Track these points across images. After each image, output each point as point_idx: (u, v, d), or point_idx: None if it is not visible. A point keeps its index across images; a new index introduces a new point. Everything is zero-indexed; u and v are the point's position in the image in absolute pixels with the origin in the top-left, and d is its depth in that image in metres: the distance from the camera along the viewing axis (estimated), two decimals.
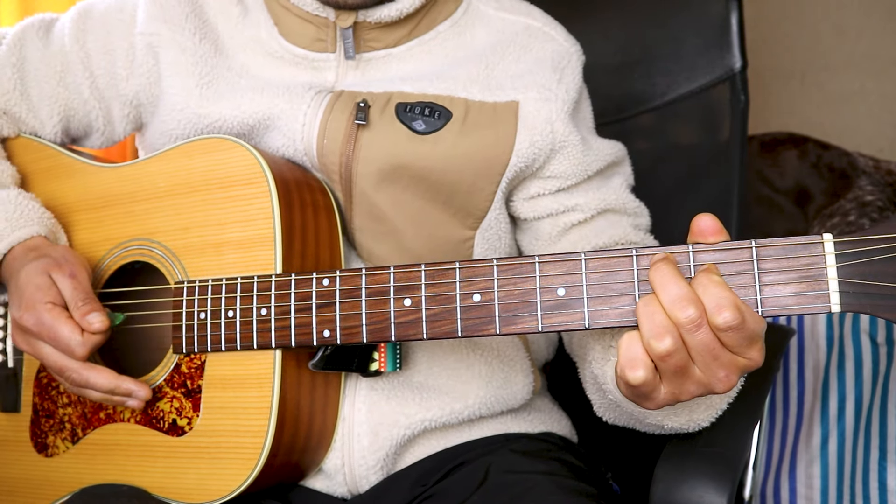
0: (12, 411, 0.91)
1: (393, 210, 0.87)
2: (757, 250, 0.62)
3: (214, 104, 0.89)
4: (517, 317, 0.68)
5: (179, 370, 0.82)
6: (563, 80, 0.89)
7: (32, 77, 0.94)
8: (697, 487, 0.80)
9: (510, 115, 0.87)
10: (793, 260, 0.62)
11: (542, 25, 0.93)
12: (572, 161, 0.89)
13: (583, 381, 0.86)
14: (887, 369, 1.50)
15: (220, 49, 0.91)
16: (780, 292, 0.62)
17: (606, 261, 0.66)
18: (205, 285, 0.81)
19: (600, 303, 0.66)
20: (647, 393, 0.64)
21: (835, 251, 0.61)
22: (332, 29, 0.89)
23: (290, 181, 0.83)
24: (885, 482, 1.47)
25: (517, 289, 0.68)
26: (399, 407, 0.88)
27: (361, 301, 0.74)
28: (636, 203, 0.94)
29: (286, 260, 0.80)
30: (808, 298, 0.61)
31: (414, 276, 0.72)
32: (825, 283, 0.61)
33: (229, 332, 0.79)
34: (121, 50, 0.92)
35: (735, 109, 1.11)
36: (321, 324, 0.75)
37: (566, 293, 0.67)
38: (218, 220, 0.83)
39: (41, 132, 0.95)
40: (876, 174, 1.85)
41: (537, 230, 0.93)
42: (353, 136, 0.86)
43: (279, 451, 0.79)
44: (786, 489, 1.56)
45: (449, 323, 0.70)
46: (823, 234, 0.61)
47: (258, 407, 0.78)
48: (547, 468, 0.86)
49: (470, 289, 0.70)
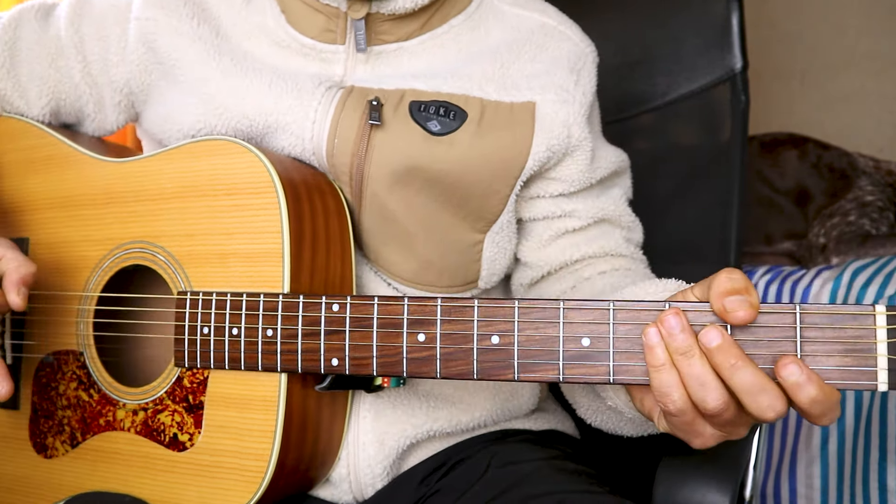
0: (11, 408, 0.89)
1: (404, 213, 0.83)
2: (801, 316, 0.58)
3: (218, 85, 0.84)
4: (537, 364, 0.64)
5: (181, 384, 0.79)
6: (580, 83, 0.86)
7: (24, 57, 0.90)
8: (700, 488, 0.79)
9: (527, 117, 0.83)
10: (839, 330, 0.57)
11: (558, 24, 0.89)
12: (579, 166, 0.86)
13: (565, 389, 0.85)
14: None
15: (221, 34, 0.87)
16: (822, 364, 0.57)
17: (636, 313, 0.62)
18: (209, 299, 0.77)
19: (626, 357, 0.62)
20: (689, 423, 0.62)
21: (887, 325, 0.56)
22: (343, 19, 0.84)
23: (300, 186, 0.78)
24: (885, 482, 1.47)
25: (538, 334, 0.64)
26: (405, 416, 0.86)
27: (373, 332, 0.70)
28: (632, 217, 0.93)
29: (294, 276, 0.75)
30: (853, 374, 0.57)
31: (429, 311, 0.68)
32: (874, 359, 0.56)
33: (233, 351, 0.76)
34: (114, 36, 0.89)
35: (735, 110, 1.08)
36: (329, 351, 0.72)
37: (591, 344, 0.63)
38: (224, 230, 0.78)
39: (27, 113, 0.92)
40: (876, 174, 1.83)
41: (530, 231, 0.90)
42: (367, 136, 0.81)
43: (283, 473, 0.77)
44: (786, 489, 1.56)
45: (464, 364, 0.67)
46: (876, 306, 0.56)
47: (262, 429, 0.76)
48: (546, 454, 0.86)
49: (488, 329, 0.66)
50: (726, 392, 0.58)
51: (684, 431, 0.62)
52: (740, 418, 0.60)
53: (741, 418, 0.60)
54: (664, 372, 0.59)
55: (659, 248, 0.99)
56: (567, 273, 0.89)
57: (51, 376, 0.87)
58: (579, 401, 0.83)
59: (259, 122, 0.83)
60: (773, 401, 0.57)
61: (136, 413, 0.81)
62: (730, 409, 0.58)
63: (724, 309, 0.58)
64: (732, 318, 0.57)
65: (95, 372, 0.84)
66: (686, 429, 0.61)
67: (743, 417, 0.60)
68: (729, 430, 0.61)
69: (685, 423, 0.61)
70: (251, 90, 0.83)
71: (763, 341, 0.58)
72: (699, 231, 1.12)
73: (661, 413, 0.65)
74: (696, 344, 0.58)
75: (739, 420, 0.60)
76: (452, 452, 0.89)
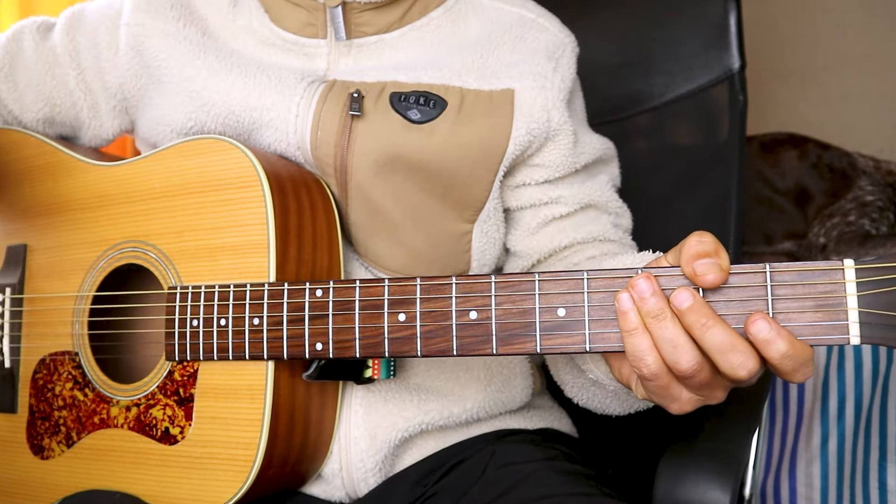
0: (9, 412, 0.90)
1: (390, 203, 0.85)
2: (771, 275, 0.58)
3: (204, 82, 0.87)
4: (515, 336, 0.65)
5: (172, 377, 0.80)
6: (558, 69, 0.88)
7: (22, 65, 0.94)
8: (701, 484, 0.78)
9: (506, 103, 0.85)
10: (809, 287, 0.57)
11: (537, 16, 0.91)
12: (562, 151, 0.88)
13: (552, 368, 0.85)
14: (887, 369, 1.48)
15: (208, 34, 0.90)
16: (794, 321, 0.57)
17: (609, 280, 0.62)
18: (197, 292, 0.78)
19: (602, 325, 0.62)
20: (665, 387, 0.62)
21: (856, 279, 0.56)
22: (323, 12, 0.87)
23: (286, 182, 0.80)
24: (885, 482, 1.46)
25: (516, 307, 0.65)
26: (397, 409, 0.86)
27: (355, 314, 0.71)
28: (619, 203, 0.93)
29: (280, 267, 0.77)
30: (824, 329, 0.57)
31: (409, 290, 0.69)
32: (844, 313, 0.56)
33: (221, 342, 0.77)
34: (104, 43, 0.92)
35: (734, 110, 1.09)
36: (314, 336, 0.73)
37: (567, 314, 0.63)
38: (212, 224, 0.80)
39: (22, 119, 0.95)
40: (876, 174, 1.84)
41: (517, 220, 0.91)
42: (348, 127, 0.83)
43: (272, 463, 0.77)
44: (786, 489, 1.55)
45: (444, 341, 0.67)
46: (844, 261, 0.57)
47: (250, 418, 0.76)
48: (545, 455, 0.85)
49: (466, 305, 0.67)
50: (699, 353, 0.58)
51: (661, 397, 0.62)
52: (715, 380, 0.60)
53: (716, 380, 0.60)
54: (637, 336, 0.59)
55: (656, 248, 0.99)
56: (556, 260, 0.89)
57: (47, 378, 0.88)
58: (564, 378, 0.83)
59: (245, 119, 0.86)
60: (745, 359, 0.57)
61: (129, 409, 0.82)
62: (703, 371, 0.58)
63: (693, 273, 0.58)
64: (702, 281, 0.58)
65: (90, 371, 0.85)
66: (662, 393, 0.61)
67: (718, 380, 0.60)
68: (706, 393, 0.61)
69: (660, 387, 0.61)
70: (236, 86, 0.86)
71: (735, 301, 0.59)
72: (697, 230, 1.12)
73: (638, 380, 0.65)
74: (668, 307, 0.59)
75: (714, 382, 0.60)
76: (449, 454, 0.89)
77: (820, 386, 1.55)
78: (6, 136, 0.95)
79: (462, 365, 0.89)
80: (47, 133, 0.96)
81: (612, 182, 0.95)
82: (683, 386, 0.61)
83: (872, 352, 1.51)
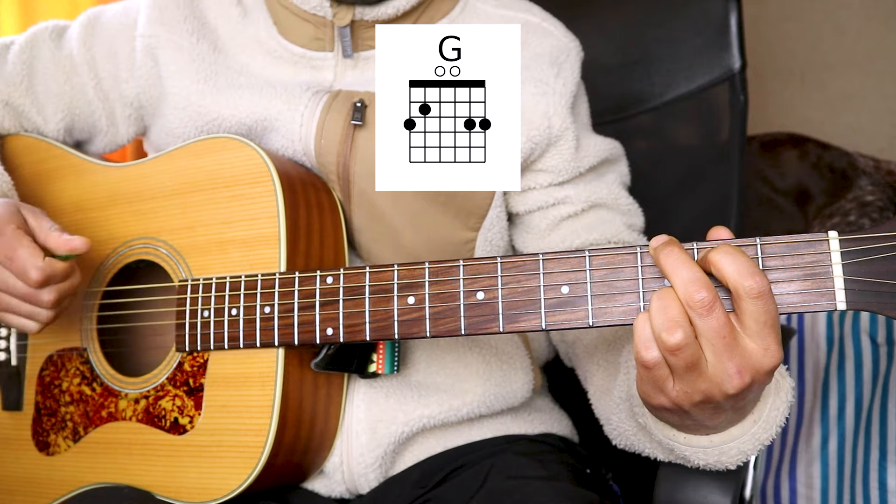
0: (14, 409, 0.91)
1: (392, 210, 0.87)
2: (762, 248, 0.62)
3: (214, 99, 0.90)
4: (521, 314, 0.68)
5: (182, 368, 0.82)
6: (560, 75, 0.90)
7: (40, 75, 0.96)
8: (701, 487, 0.79)
9: None
10: (797, 257, 0.61)
11: (541, 21, 0.94)
12: (564, 156, 0.90)
13: (599, 404, 0.85)
14: (887, 369, 1.50)
15: (219, 48, 0.93)
16: (784, 290, 0.61)
17: (611, 258, 0.66)
18: (208, 283, 0.81)
19: (604, 301, 0.66)
20: (660, 380, 0.63)
21: (840, 248, 0.60)
22: (330, 28, 0.90)
23: (295, 181, 0.83)
24: (885, 482, 1.46)
25: (521, 286, 0.68)
26: (398, 404, 0.88)
27: (365, 299, 0.74)
28: (629, 201, 0.95)
29: (290, 258, 0.80)
30: (813, 296, 0.61)
31: (418, 274, 0.72)
32: (830, 280, 0.60)
33: (232, 331, 0.79)
34: (123, 53, 0.95)
35: (734, 109, 1.11)
36: (324, 322, 0.75)
37: (570, 291, 0.67)
38: (223, 219, 0.83)
39: (44, 129, 0.97)
40: (876, 174, 1.85)
41: (528, 224, 0.94)
42: (350, 136, 0.86)
43: (280, 451, 0.79)
44: (786, 489, 1.55)
45: (452, 321, 0.70)
46: (829, 232, 0.61)
47: (260, 405, 0.78)
48: (547, 473, 0.86)
49: (474, 286, 0.70)
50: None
51: (652, 384, 0.65)
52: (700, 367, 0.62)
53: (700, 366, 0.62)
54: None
55: None
56: None
57: (54, 374, 0.89)
58: (612, 418, 0.83)
59: (253, 126, 0.89)
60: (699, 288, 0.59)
61: (138, 402, 0.84)
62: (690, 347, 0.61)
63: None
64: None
65: (98, 366, 0.87)
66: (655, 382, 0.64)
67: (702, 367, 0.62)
68: (690, 380, 0.62)
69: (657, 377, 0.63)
70: (243, 99, 0.89)
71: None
72: (698, 231, 1.12)
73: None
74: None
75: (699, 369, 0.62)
76: (449, 458, 0.90)
77: (820, 386, 1.55)
78: (18, 140, 0.97)
79: (461, 361, 0.91)
80: (66, 141, 0.98)
81: (621, 180, 0.96)
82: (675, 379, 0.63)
83: (872, 352, 1.52)
